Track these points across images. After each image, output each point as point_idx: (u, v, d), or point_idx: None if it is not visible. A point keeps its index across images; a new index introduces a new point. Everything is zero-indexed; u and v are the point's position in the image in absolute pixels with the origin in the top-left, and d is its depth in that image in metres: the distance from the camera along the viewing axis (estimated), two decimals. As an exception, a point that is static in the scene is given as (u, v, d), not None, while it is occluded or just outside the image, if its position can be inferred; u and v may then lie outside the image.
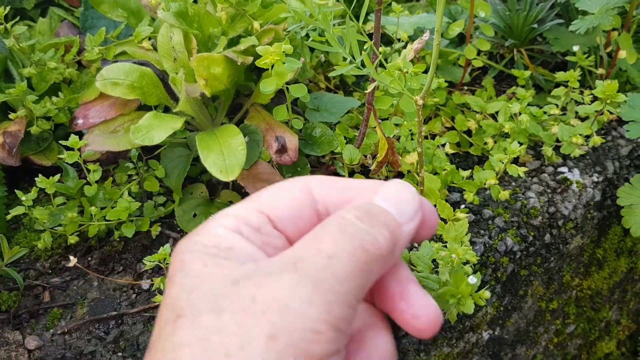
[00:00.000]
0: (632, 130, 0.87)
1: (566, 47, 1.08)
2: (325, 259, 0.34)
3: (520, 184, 0.97)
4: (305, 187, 0.41)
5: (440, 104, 1.08)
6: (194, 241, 0.37)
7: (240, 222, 0.38)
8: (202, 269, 0.35)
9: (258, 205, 0.40)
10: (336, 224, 0.37)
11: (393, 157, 0.88)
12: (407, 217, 0.40)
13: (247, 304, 0.32)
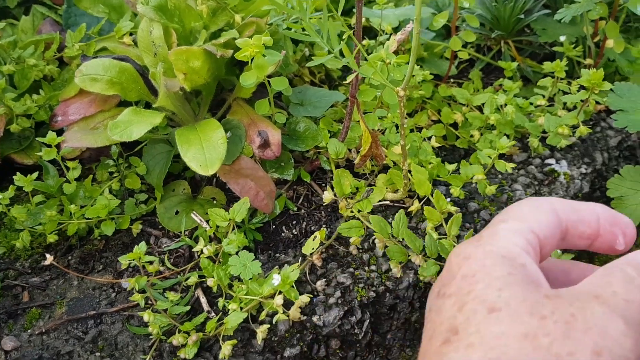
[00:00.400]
0: (619, 119, 0.86)
1: (553, 38, 1.06)
2: (624, 302, 0.40)
3: (507, 176, 0.96)
4: (553, 208, 0.49)
5: (426, 97, 1.07)
6: (488, 250, 0.44)
7: (527, 243, 0.45)
8: (508, 276, 0.41)
9: (530, 226, 0.47)
10: (622, 275, 0.43)
11: (377, 150, 0.87)
12: None
13: (568, 319, 0.38)
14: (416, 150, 0.90)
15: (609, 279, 0.43)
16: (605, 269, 0.44)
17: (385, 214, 0.90)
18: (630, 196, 0.91)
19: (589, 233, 0.51)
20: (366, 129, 0.84)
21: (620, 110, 0.88)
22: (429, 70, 1.10)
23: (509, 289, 0.40)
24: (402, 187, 0.86)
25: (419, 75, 0.98)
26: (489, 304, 0.40)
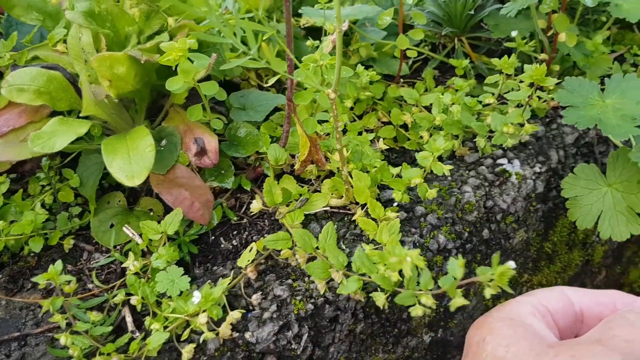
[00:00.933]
0: (569, 115, 0.83)
1: (506, 33, 1.03)
2: (624, 342, 0.44)
3: (457, 177, 0.93)
4: (562, 291, 0.56)
5: (377, 98, 1.03)
6: (497, 315, 0.52)
7: (534, 309, 0.52)
8: (513, 333, 0.48)
9: (540, 300, 0.54)
10: (622, 321, 0.48)
11: (317, 156, 0.83)
12: None
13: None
14: (360, 154, 0.87)
15: (610, 325, 0.48)
16: (607, 319, 0.50)
17: (330, 221, 0.87)
18: (585, 196, 0.88)
19: (606, 314, 0.55)
20: (303, 134, 0.80)
21: (570, 106, 0.84)
22: (379, 70, 1.07)
23: (516, 345, 0.46)
24: (345, 194, 0.83)
25: (365, 76, 0.94)
26: (499, 357, 0.46)
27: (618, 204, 0.85)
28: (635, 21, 0.95)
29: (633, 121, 0.80)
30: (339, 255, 0.71)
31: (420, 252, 0.83)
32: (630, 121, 0.80)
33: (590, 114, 0.82)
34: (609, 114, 0.82)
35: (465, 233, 0.87)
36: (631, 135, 0.78)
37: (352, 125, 0.97)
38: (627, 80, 0.85)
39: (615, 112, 0.82)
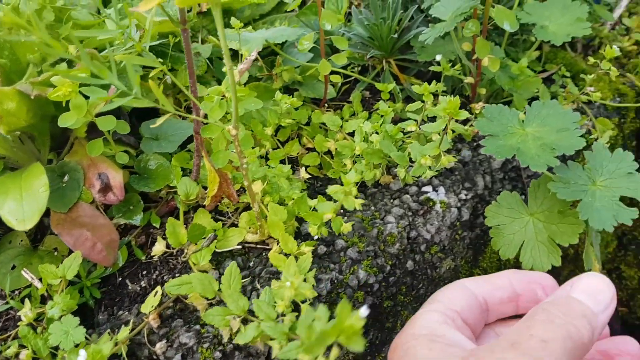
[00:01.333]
0: (487, 145, 0.81)
1: (432, 56, 1.01)
2: (539, 342, 0.42)
3: (381, 207, 0.90)
4: (463, 285, 0.56)
5: (302, 123, 1.00)
6: (409, 333, 0.49)
7: (444, 316, 0.50)
8: (429, 352, 0.46)
9: (446, 304, 0.53)
10: (542, 317, 0.45)
11: (228, 190, 0.79)
12: (602, 307, 0.48)
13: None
14: (277, 186, 0.83)
15: (530, 323, 0.45)
16: (530, 313, 0.47)
17: (247, 257, 0.83)
18: (508, 225, 0.86)
19: (508, 296, 0.56)
20: (212, 169, 0.76)
21: (490, 135, 0.82)
22: (305, 93, 1.04)
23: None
24: (259, 229, 0.79)
25: (284, 103, 0.91)
26: None
27: (540, 234, 0.83)
28: (559, 44, 0.94)
29: (552, 151, 0.78)
30: (238, 299, 0.67)
31: (339, 289, 0.80)
32: (549, 151, 0.78)
33: (509, 144, 0.80)
34: (528, 143, 0.80)
35: (388, 266, 0.84)
36: (550, 166, 0.77)
37: (274, 153, 0.94)
38: (548, 107, 0.84)
39: (535, 141, 0.81)
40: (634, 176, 0.81)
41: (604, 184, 0.81)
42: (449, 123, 0.74)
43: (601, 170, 0.82)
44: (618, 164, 0.82)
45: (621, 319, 1.48)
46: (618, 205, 0.79)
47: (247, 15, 1.24)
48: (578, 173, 0.82)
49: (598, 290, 0.49)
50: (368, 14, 1.06)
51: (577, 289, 0.49)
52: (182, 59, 1.00)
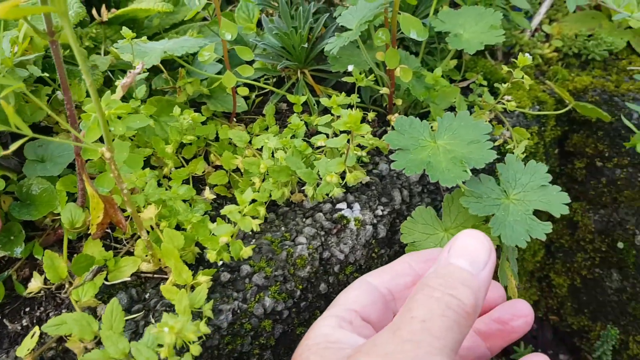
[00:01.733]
0: (398, 160, 0.76)
1: (346, 66, 0.97)
2: (419, 323, 0.41)
3: (292, 227, 0.85)
4: (363, 281, 0.55)
5: (210, 139, 0.94)
6: (306, 345, 0.48)
7: (339, 320, 0.50)
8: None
9: (345, 305, 0.52)
10: (422, 294, 0.44)
11: (116, 217, 0.72)
12: (480, 266, 0.46)
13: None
14: (173, 209, 0.76)
15: (411, 304, 0.44)
16: (413, 291, 0.46)
17: (142, 288, 0.76)
18: (423, 241, 0.82)
19: (412, 280, 0.55)
20: (94, 194, 0.69)
21: (400, 149, 0.78)
22: (214, 107, 0.98)
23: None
24: (151, 259, 0.72)
25: (183, 119, 0.84)
26: None
27: (454, 251, 0.79)
28: (473, 52, 0.92)
29: (462, 165, 0.75)
30: (118, 341, 0.60)
31: (243, 319, 0.74)
32: (459, 165, 0.75)
33: (420, 158, 0.76)
34: (439, 157, 0.77)
35: (298, 291, 0.79)
36: (460, 181, 0.73)
37: (176, 173, 0.87)
38: (459, 119, 0.80)
39: (446, 154, 0.77)
40: (547, 189, 0.79)
41: (518, 197, 0.78)
42: (352, 138, 0.70)
43: (514, 183, 0.80)
44: (531, 177, 0.80)
45: (552, 327, 1.48)
46: (532, 219, 0.76)
47: (156, 25, 1.17)
48: (491, 187, 0.79)
49: (473, 250, 0.47)
50: (280, 22, 1.01)
51: (453, 254, 0.47)
52: (75, 72, 0.92)
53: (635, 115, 1.17)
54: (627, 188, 1.22)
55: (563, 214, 0.75)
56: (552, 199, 0.77)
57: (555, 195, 0.77)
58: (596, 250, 1.32)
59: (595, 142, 1.24)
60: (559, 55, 1.33)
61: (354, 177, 0.75)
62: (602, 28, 1.33)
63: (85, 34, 1.08)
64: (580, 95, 1.22)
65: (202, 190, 0.89)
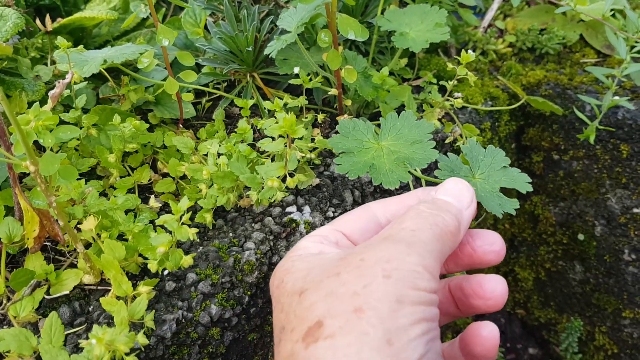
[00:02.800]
0: (342, 163, 0.74)
1: (292, 69, 0.96)
2: (410, 232, 0.47)
3: (241, 233, 0.84)
4: (367, 207, 0.57)
5: (157, 147, 0.93)
6: (288, 257, 0.51)
7: (322, 238, 0.53)
8: (307, 265, 0.48)
9: (333, 226, 0.55)
10: (413, 213, 0.50)
11: (53, 230, 0.71)
12: (465, 204, 0.54)
13: (359, 264, 0.44)
14: (113, 220, 0.75)
15: (401, 219, 0.49)
16: (400, 215, 0.51)
17: (86, 301, 0.75)
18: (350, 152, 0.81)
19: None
20: (28, 207, 0.67)
21: (344, 152, 0.77)
22: (161, 114, 0.97)
23: (311, 272, 0.46)
24: (90, 271, 0.71)
25: (125, 128, 0.83)
26: (298, 291, 0.46)
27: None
28: (418, 50, 0.92)
29: (405, 166, 0.74)
30: (58, 355, 0.59)
31: (188, 329, 0.72)
32: (402, 166, 0.74)
33: (364, 160, 0.75)
34: (383, 159, 0.76)
35: (246, 297, 0.78)
36: (403, 181, 0.72)
37: (121, 182, 0.86)
38: (403, 119, 0.79)
39: (390, 155, 0.76)
40: (508, 170, 0.78)
41: (483, 177, 0.78)
42: (289, 141, 0.69)
43: (478, 164, 0.79)
44: (492, 159, 0.79)
45: (520, 321, 1.49)
46: (500, 196, 0.75)
47: (105, 33, 1.16)
48: (459, 165, 0.78)
49: (459, 191, 0.55)
50: (226, 26, 1.00)
51: (441, 192, 0.56)
52: (17, 83, 0.91)
53: (588, 107, 1.18)
54: (583, 180, 1.23)
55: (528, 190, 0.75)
56: (515, 178, 0.76)
57: (518, 175, 0.77)
58: (558, 242, 1.33)
59: (550, 135, 1.24)
60: (514, 50, 1.34)
61: (294, 181, 0.74)
62: (555, 22, 1.35)
63: (31, 45, 1.06)
64: (534, 90, 1.23)
65: (149, 198, 0.88)
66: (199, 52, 1.08)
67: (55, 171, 0.65)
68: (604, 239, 1.25)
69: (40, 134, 0.64)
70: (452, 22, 1.24)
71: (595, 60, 1.29)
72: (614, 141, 1.16)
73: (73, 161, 0.86)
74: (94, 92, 1.01)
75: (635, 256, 1.22)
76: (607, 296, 1.30)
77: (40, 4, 1.25)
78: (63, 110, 0.90)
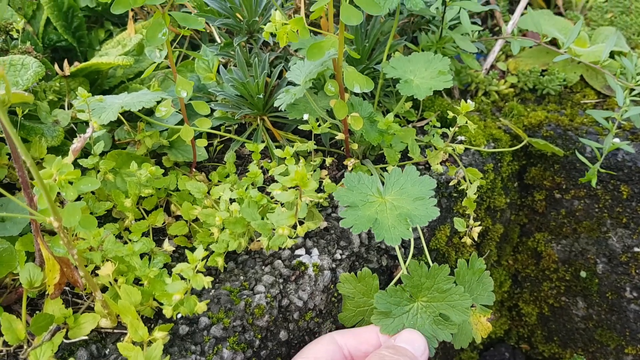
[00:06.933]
0: (347, 217, 0.77)
1: (302, 114, 1.00)
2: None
3: (251, 275, 0.86)
4: (332, 339, 0.64)
5: (171, 190, 0.96)
6: None
7: None
8: None
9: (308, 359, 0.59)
10: (377, 358, 0.57)
11: (72, 277, 0.73)
12: (420, 352, 0.62)
13: None
14: (129, 264, 0.78)
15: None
16: (370, 356, 0.58)
17: (103, 344, 0.77)
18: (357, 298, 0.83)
19: (372, 349, 0.64)
20: (49, 256, 0.70)
21: (349, 205, 0.80)
22: (174, 158, 1.00)
23: None
24: (108, 317, 0.74)
25: (141, 175, 0.86)
26: None
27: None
28: (422, 98, 0.95)
29: (407, 223, 0.76)
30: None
31: (201, 372, 0.75)
32: (404, 222, 0.76)
33: (367, 214, 0.78)
34: (386, 213, 0.78)
35: (257, 340, 0.80)
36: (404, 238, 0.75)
37: (136, 226, 0.89)
38: (407, 174, 0.82)
39: (393, 210, 0.79)
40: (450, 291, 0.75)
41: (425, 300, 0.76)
42: (301, 192, 0.72)
43: (420, 287, 0.77)
44: (435, 280, 0.76)
45: (525, 355, 1.50)
46: (438, 322, 0.74)
47: (120, 75, 1.20)
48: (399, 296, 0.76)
49: (415, 340, 0.64)
50: (238, 72, 1.04)
51: (400, 340, 0.64)
52: (36, 129, 0.94)
53: (589, 149, 1.21)
54: (585, 219, 1.26)
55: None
56: (455, 302, 0.76)
57: (458, 299, 0.76)
58: (561, 279, 1.35)
59: (552, 175, 1.27)
60: (515, 90, 1.37)
61: (304, 229, 0.77)
62: (555, 63, 1.38)
63: (49, 88, 1.10)
64: (536, 130, 1.26)
65: (163, 241, 0.91)
66: (211, 95, 1.12)
67: (76, 223, 0.68)
68: (606, 276, 1.27)
69: (62, 188, 0.68)
70: (455, 65, 1.28)
71: (596, 101, 1.32)
72: (614, 182, 1.19)
73: (90, 204, 0.89)
74: (110, 134, 1.05)
75: (637, 294, 1.24)
76: (610, 332, 1.31)
77: (56, 46, 1.30)
78: (81, 155, 0.94)
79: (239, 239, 0.84)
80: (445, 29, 1.19)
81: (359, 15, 0.75)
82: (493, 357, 1.46)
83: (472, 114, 1.25)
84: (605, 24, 1.56)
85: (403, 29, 1.30)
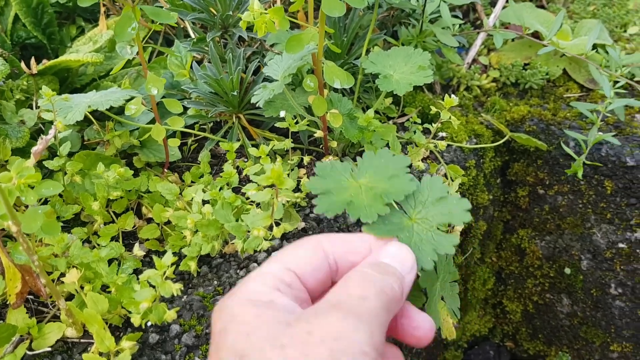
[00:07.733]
0: (320, 204, 0.73)
1: (278, 111, 0.96)
2: (357, 299, 0.45)
3: (225, 280, 0.83)
4: (319, 244, 0.53)
5: (142, 191, 0.92)
6: (237, 298, 0.46)
7: (277, 280, 0.47)
8: (254, 318, 0.43)
9: (287, 265, 0.49)
10: (359, 276, 0.48)
11: (35, 285, 0.70)
12: (407, 269, 0.53)
13: (305, 338, 0.41)
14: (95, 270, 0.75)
15: (347, 283, 0.47)
16: (346, 276, 0.49)
17: (69, 355, 0.74)
18: None
19: (360, 259, 0.54)
20: (10, 264, 0.67)
21: (323, 193, 0.77)
22: (146, 158, 0.96)
23: (256, 332, 0.42)
24: (72, 326, 0.70)
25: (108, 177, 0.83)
26: (239, 353, 0.41)
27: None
28: (402, 94, 0.92)
29: (382, 199, 0.73)
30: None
31: (172, 383, 0.72)
32: (380, 200, 0.74)
33: (342, 199, 0.74)
34: (361, 195, 0.75)
35: (231, 347, 0.77)
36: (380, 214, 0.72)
37: (105, 230, 0.85)
38: (380, 156, 0.78)
39: (368, 191, 0.75)
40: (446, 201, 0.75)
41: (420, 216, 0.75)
42: (277, 191, 0.69)
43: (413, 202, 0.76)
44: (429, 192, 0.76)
45: (510, 353, 1.48)
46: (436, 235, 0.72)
47: (91, 73, 1.16)
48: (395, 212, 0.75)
49: (402, 256, 0.55)
50: (212, 69, 1.01)
51: (385, 256, 0.54)
52: (1, 129, 0.90)
53: (572, 143, 1.19)
54: (569, 215, 1.24)
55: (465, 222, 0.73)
56: (453, 211, 0.74)
57: (456, 206, 0.73)
58: (545, 276, 1.34)
59: (535, 170, 1.25)
60: (498, 84, 1.35)
61: (281, 231, 0.74)
62: (538, 56, 1.36)
63: (16, 87, 1.06)
64: (518, 125, 1.24)
65: (133, 245, 0.87)
66: (185, 93, 1.08)
67: (38, 228, 0.65)
68: (591, 272, 1.25)
69: (22, 192, 0.64)
70: (436, 60, 1.25)
71: (579, 95, 1.30)
72: (598, 177, 1.17)
73: (57, 208, 0.86)
74: (79, 134, 1.01)
75: (622, 290, 1.23)
76: (595, 329, 1.30)
77: (26, 43, 1.26)
78: (48, 156, 0.90)
79: (212, 242, 0.80)
80: (425, 23, 1.17)
81: (342, 6, 0.72)
82: (478, 355, 1.44)
83: (454, 109, 1.23)
84: (588, 16, 1.54)
85: (383, 22, 1.27)
